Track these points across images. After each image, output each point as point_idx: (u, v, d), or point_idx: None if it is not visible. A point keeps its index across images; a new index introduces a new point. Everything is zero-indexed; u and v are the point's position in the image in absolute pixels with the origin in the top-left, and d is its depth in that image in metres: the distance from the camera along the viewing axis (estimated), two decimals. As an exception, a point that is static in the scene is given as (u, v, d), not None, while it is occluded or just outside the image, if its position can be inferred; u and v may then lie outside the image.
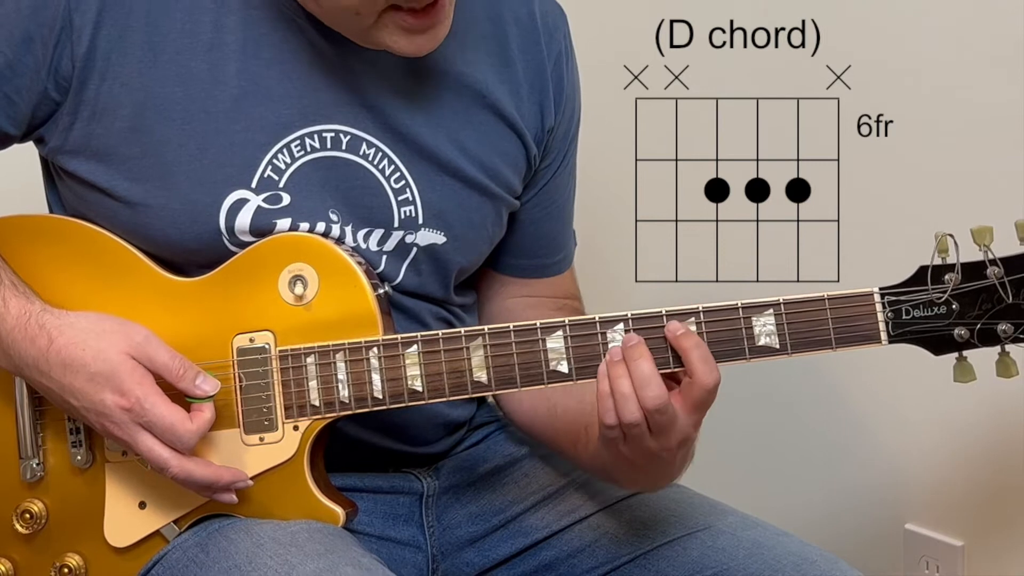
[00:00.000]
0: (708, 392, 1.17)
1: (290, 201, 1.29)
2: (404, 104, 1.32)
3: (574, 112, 1.45)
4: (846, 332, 1.19)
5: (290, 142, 1.29)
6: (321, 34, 1.29)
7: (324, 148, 1.30)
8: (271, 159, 1.28)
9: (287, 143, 1.29)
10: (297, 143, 1.29)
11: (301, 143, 1.29)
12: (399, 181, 1.32)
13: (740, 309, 1.20)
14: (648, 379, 1.16)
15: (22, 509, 1.31)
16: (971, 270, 1.18)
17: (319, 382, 1.25)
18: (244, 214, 1.28)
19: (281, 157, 1.29)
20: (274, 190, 1.28)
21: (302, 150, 1.29)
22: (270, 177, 1.28)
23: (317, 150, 1.30)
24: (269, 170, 1.28)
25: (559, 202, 1.47)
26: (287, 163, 1.29)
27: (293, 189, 1.29)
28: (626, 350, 1.18)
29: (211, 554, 1.23)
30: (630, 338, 1.19)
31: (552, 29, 1.41)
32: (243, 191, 1.28)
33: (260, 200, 1.28)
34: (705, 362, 1.17)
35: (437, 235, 1.34)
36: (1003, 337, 1.18)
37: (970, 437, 1.71)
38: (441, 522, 1.41)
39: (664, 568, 1.33)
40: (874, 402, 1.80)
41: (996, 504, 1.71)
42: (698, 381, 1.17)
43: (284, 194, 1.29)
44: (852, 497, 1.83)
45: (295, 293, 1.26)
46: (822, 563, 1.29)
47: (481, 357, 1.23)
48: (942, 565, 1.76)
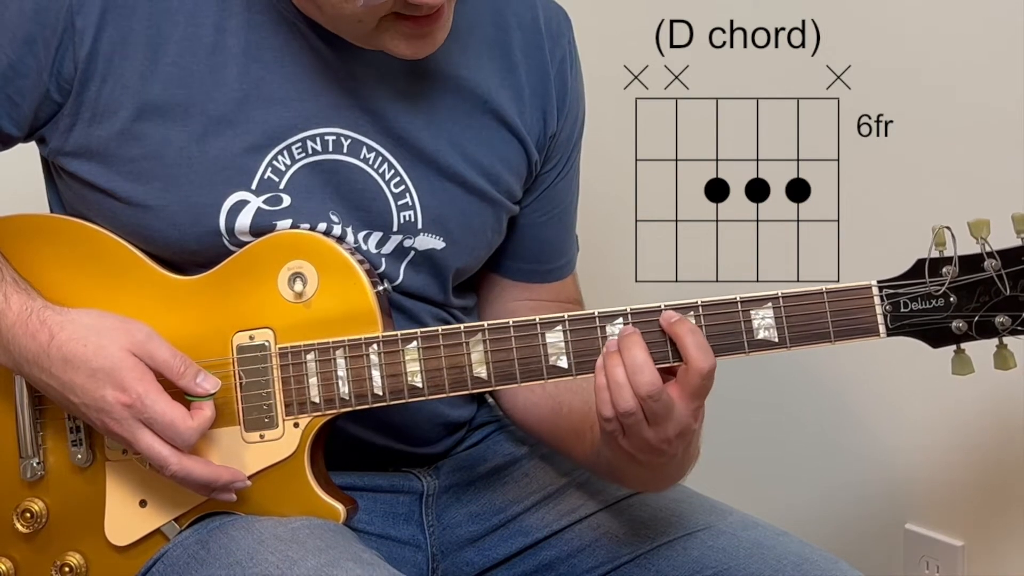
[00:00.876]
0: (704, 378, 1.17)
1: (290, 202, 1.29)
2: (405, 108, 1.32)
3: (577, 118, 1.44)
4: (845, 325, 1.19)
5: (291, 144, 1.29)
6: (322, 39, 1.29)
7: (325, 151, 1.30)
8: (271, 161, 1.28)
9: (287, 145, 1.29)
10: (298, 145, 1.29)
11: (302, 145, 1.29)
12: (399, 186, 1.33)
13: (739, 303, 1.20)
14: (641, 366, 1.16)
15: (22, 508, 1.31)
16: (969, 263, 1.18)
17: (319, 379, 1.25)
18: (244, 215, 1.28)
19: (281, 159, 1.29)
20: (274, 191, 1.29)
21: (303, 152, 1.29)
22: (270, 179, 1.28)
23: (319, 153, 1.30)
24: (269, 172, 1.28)
25: (561, 208, 1.47)
26: (287, 165, 1.29)
27: (293, 191, 1.29)
28: (620, 340, 1.18)
29: (212, 551, 1.23)
30: (625, 329, 1.19)
31: (556, 35, 1.41)
32: (243, 192, 1.28)
33: (260, 202, 1.28)
34: (699, 348, 1.17)
35: (436, 240, 1.34)
36: (1001, 329, 1.18)
37: (970, 437, 1.71)
38: (441, 521, 1.41)
39: (664, 568, 1.33)
40: (874, 402, 1.80)
41: (996, 504, 1.71)
42: (693, 366, 1.17)
43: (284, 195, 1.29)
44: (852, 497, 1.83)
45: (295, 290, 1.27)
46: (822, 563, 1.29)
47: (481, 353, 1.23)
48: (942, 565, 1.76)
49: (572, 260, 1.51)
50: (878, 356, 1.70)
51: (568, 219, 1.49)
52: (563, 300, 1.49)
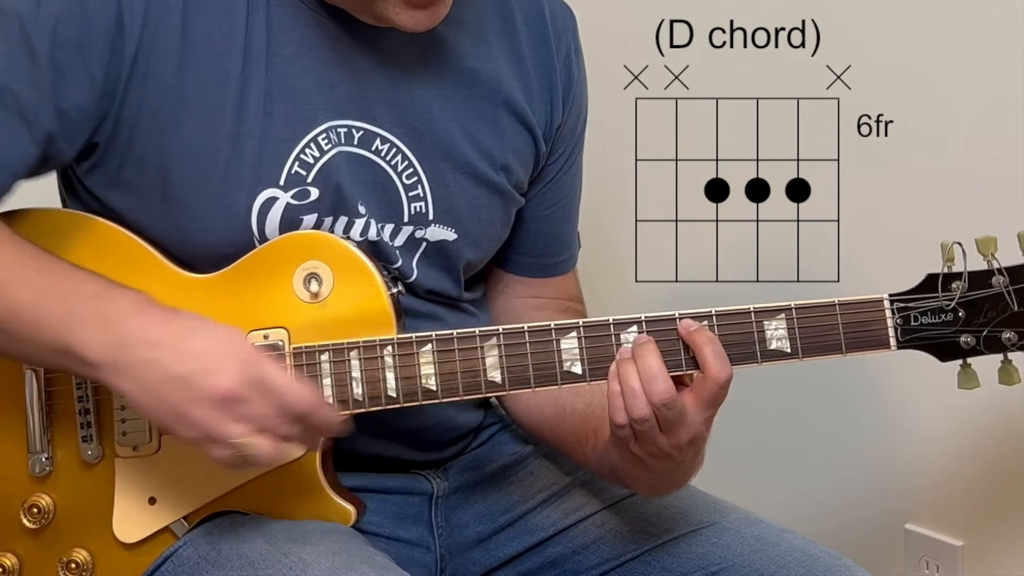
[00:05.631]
0: (720, 387, 1.18)
1: (318, 195, 1.29)
2: (420, 99, 1.33)
3: (581, 110, 1.46)
4: (856, 337, 1.21)
5: (316, 136, 1.29)
6: (338, 28, 1.29)
7: (339, 143, 1.30)
8: (298, 155, 1.28)
9: (313, 138, 1.29)
10: (324, 136, 1.29)
11: (327, 136, 1.29)
12: (411, 177, 1.33)
13: (752, 313, 1.21)
14: (655, 375, 1.17)
15: (30, 503, 1.30)
16: (978, 279, 1.19)
17: (333, 380, 1.25)
18: (274, 212, 1.28)
19: (309, 151, 1.29)
20: (302, 185, 1.28)
21: (329, 143, 1.29)
22: (298, 173, 1.28)
23: (335, 145, 1.30)
24: (297, 166, 1.28)
25: (565, 201, 1.48)
26: (315, 157, 1.29)
27: (322, 183, 1.29)
28: (635, 348, 1.19)
29: (223, 552, 1.23)
30: (640, 337, 1.20)
31: (561, 28, 1.43)
32: (272, 190, 1.28)
33: (289, 197, 1.28)
34: (718, 356, 1.18)
35: (447, 231, 1.35)
36: (1008, 345, 1.20)
37: (970, 437, 1.72)
38: (449, 522, 1.41)
39: (669, 564, 1.34)
40: (874, 403, 1.81)
41: (996, 504, 1.72)
42: (711, 375, 1.18)
43: (312, 189, 1.29)
44: (852, 497, 1.84)
45: (310, 291, 1.27)
46: (827, 559, 1.30)
47: (495, 357, 1.24)
48: (942, 565, 1.77)
49: (574, 255, 1.52)
50: (879, 357, 1.70)
51: (571, 213, 1.50)
52: (566, 297, 1.50)
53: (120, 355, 1.16)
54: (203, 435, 1.15)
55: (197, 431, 1.15)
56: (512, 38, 1.39)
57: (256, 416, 1.14)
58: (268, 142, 1.27)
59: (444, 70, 1.34)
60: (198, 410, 1.14)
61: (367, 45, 1.30)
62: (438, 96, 1.33)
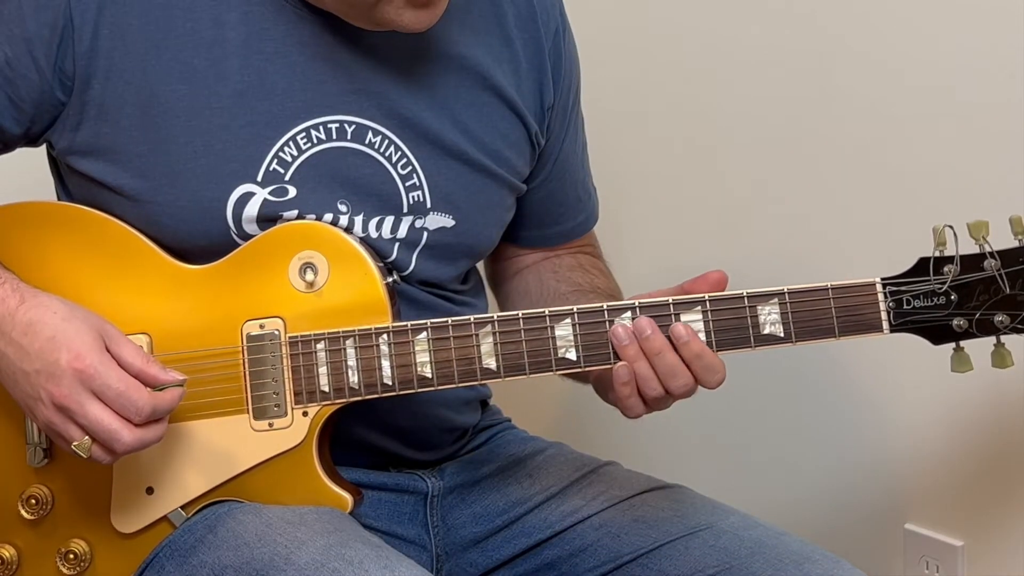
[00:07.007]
0: (714, 387, 1.23)
1: (296, 193, 1.30)
2: (407, 89, 1.34)
3: (572, 84, 1.46)
4: (849, 321, 1.21)
5: (296, 135, 1.30)
6: (322, 24, 1.30)
7: (330, 139, 1.31)
8: (277, 152, 1.30)
9: (292, 136, 1.30)
10: (303, 135, 1.30)
11: (307, 135, 1.30)
12: (406, 167, 1.34)
13: (746, 298, 1.22)
14: (674, 370, 1.21)
15: (28, 494, 1.30)
16: (970, 262, 1.20)
17: (329, 368, 1.26)
18: (251, 207, 1.29)
19: (287, 150, 1.30)
20: (280, 183, 1.30)
21: (308, 142, 1.30)
22: (276, 170, 1.30)
23: (323, 141, 1.31)
24: (275, 163, 1.30)
25: (573, 166, 1.49)
26: (293, 156, 1.30)
27: (299, 181, 1.30)
28: (643, 343, 1.21)
29: (219, 534, 1.24)
30: (643, 328, 1.21)
31: (548, 5, 1.43)
32: (249, 185, 1.29)
33: (266, 193, 1.29)
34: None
35: (446, 219, 1.36)
36: (1000, 327, 1.20)
37: (970, 437, 1.72)
38: (446, 522, 1.41)
39: (666, 567, 1.33)
40: (874, 402, 1.80)
41: (996, 504, 1.71)
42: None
43: (290, 187, 1.30)
44: (852, 497, 1.83)
45: (305, 280, 1.28)
46: (824, 562, 1.29)
47: (490, 344, 1.24)
48: (942, 565, 1.76)
49: (593, 213, 1.55)
50: (878, 356, 1.70)
51: (581, 172, 1.51)
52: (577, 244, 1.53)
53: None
54: (52, 434, 1.22)
55: (47, 430, 1.22)
56: (500, 19, 1.40)
57: (93, 419, 1.18)
58: (244, 137, 1.28)
59: (431, 59, 1.35)
60: (42, 410, 1.20)
61: (354, 39, 1.31)
62: (426, 85, 1.34)
